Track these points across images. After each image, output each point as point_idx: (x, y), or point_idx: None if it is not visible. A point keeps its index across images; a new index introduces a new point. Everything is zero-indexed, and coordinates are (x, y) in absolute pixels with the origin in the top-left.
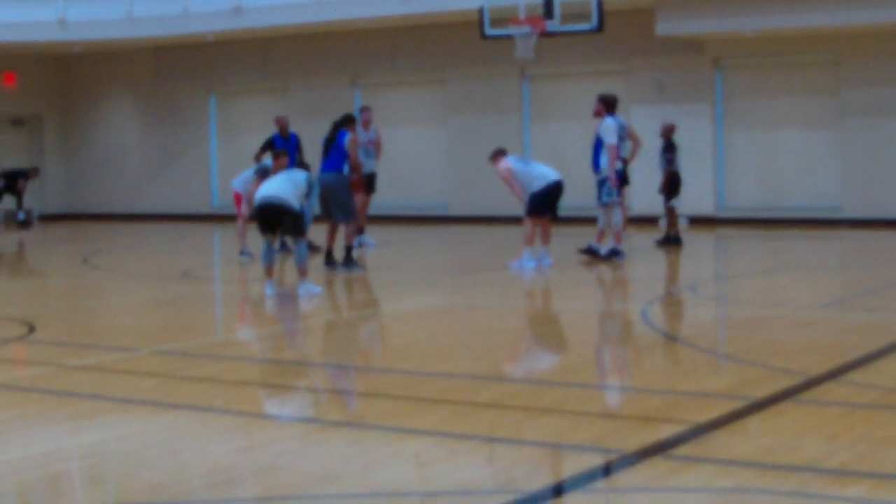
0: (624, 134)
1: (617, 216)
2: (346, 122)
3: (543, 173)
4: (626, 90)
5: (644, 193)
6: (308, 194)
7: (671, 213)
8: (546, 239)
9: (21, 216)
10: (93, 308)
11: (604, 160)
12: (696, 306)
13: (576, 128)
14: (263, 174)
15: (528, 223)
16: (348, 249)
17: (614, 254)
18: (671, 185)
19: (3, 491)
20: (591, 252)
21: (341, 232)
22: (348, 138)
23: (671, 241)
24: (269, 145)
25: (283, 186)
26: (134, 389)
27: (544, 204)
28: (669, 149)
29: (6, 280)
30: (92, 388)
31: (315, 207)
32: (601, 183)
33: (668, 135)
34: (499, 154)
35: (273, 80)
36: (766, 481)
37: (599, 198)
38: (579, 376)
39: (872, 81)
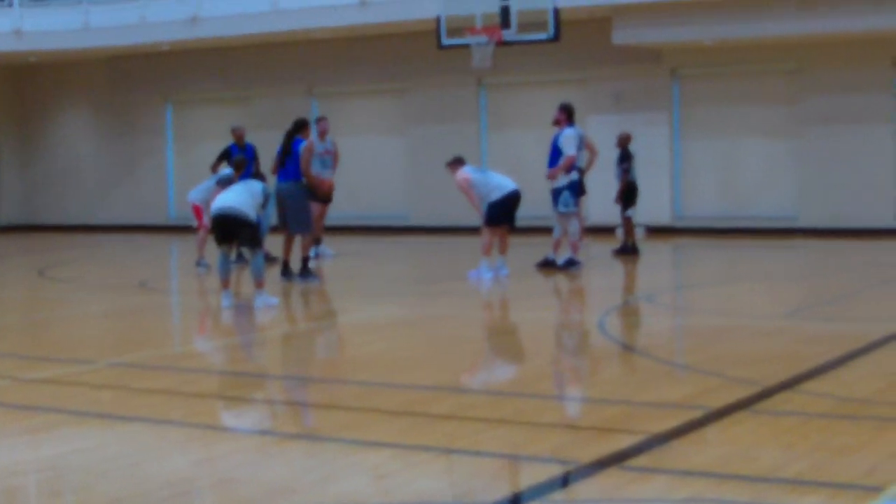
0: (580, 143)
1: (573, 226)
2: (300, 128)
3: (500, 183)
4: (582, 99)
5: (601, 203)
6: (264, 205)
7: (627, 223)
8: (503, 249)
9: None
10: (49, 320)
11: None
12: (653, 316)
13: (533, 137)
14: (226, 183)
15: (485, 233)
16: (304, 260)
17: (570, 264)
18: (627, 195)
19: None
20: (547, 264)
21: (297, 243)
22: (303, 146)
23: (628, 251)
24: (226, 156)
25: (240, 197)
26: (91, 402)
27: (501, 214)
28: (625, 158)
29: None
30: (49, 400)
31: (271, 218)
32: (557, 192)
33: (623, 144)
34: (457, 163)
35: (230, 90)
36: (723, 491)
37: (555, 207)
38: (537, 387)
39: (830, 91)
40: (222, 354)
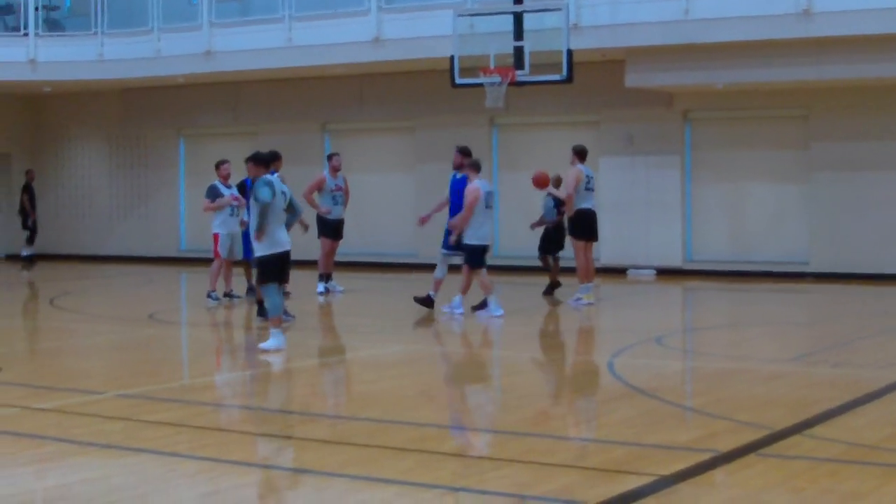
0: (591, 185)
1: (441, 269)
2: (271, 161)
3: (480, 231)
4: (595, 141)
5: (610, 244)
6: (258, 196)
7: (549, 261)
8: (465, 289)
9: (25, 253)
10: (58, 350)
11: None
12: (662, 358)
13: None
14: (214, 194)
15: (480, 275)
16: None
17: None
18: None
19: None
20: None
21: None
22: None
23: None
24: (241, 188)
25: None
26: (98, 433)
27: (482, 259)
28: (559, 202)
29: None
30: (57, 430)
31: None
32: (449, 232)
33: (556, 186)
34: (473, 167)
35: (242, 124)
36: None
37: (444, 245)
38: (545, 427)
39: (841, 136)
40: (231, 388)
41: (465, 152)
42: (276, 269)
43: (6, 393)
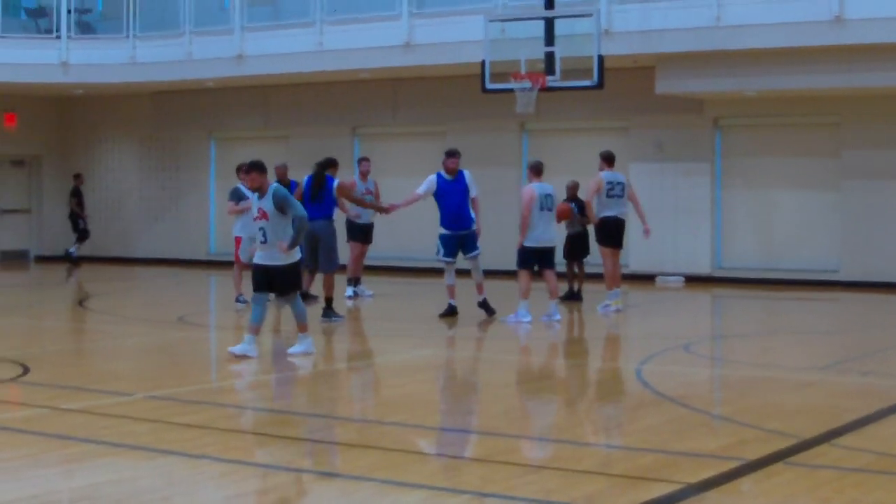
0: (616, 191)
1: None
2: (330, 166)
3: (540, 234)
4: (625, 147)
5: (639, 251)
6: (284, 208)
7: (572, 269)
8: (552, 293)
9: (72, 251)
10: (87, 351)
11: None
12: (690, 365)
13: None
14: (238, 197)
15: (522, 276)
16: (329, 300)
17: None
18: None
19: None
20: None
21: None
22: (336, 185)
23: (573, 297)
24: None
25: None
26: (127, 434)
27: (532, 260)
28: (582, 208)
29: (1, 320)
30: (85, 431)
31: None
32: (445, 239)
33: (574, 193)
34: (534, 170)
35: (273, 128)
36: None
37: (474, 249)
38: (572, 433)
39: (873, 144)
40: (259, 391)
41: (456, 154)
42: (301, 276)
43: (35, 393)
